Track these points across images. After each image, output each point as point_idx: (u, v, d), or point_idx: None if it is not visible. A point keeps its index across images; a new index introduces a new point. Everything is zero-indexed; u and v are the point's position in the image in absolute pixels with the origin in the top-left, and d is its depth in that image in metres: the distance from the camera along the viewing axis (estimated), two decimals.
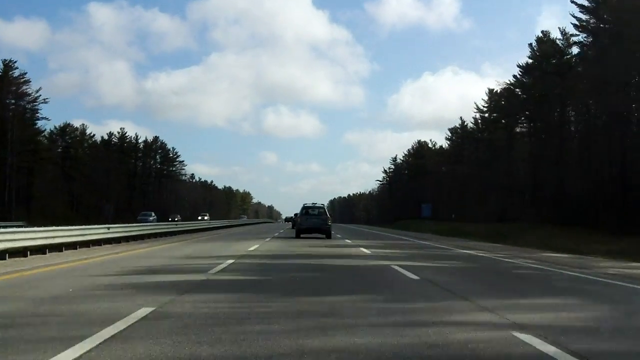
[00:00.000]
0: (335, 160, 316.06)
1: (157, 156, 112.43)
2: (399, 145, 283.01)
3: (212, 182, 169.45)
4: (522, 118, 57.36)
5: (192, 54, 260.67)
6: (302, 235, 28.87)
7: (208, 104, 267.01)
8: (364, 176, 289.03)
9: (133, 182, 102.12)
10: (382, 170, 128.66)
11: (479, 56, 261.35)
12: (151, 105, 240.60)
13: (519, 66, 52.45)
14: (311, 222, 28.94)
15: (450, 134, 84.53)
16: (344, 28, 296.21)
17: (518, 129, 59.97)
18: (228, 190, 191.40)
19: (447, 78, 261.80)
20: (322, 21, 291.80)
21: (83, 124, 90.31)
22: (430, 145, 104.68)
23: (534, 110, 51.19)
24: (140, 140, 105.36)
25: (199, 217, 79.86)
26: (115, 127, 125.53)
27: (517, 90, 55.54)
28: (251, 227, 60.17)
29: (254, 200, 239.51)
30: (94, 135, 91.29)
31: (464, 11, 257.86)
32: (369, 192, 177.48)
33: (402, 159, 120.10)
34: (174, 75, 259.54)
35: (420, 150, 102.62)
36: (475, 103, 71.74)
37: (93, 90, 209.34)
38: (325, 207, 30.96)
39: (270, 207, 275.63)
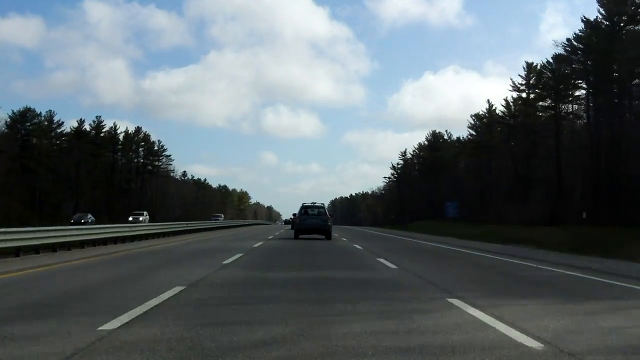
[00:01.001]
0: (336, 161, 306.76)
1: (140, 149, 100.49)
2: (400, 146, 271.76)
3: (205, 180, 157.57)
4: (578, 93, 45.50)
5: (190, 52, 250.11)
6: (301, 237, 27.18)
7: (207, 104, 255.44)
8: (364, 177, 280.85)
9: (111, 178, 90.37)
10: (390, 165, 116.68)
11: (482, 54, 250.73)
12: (150, 104, 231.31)
13: (583, 20, 40.39)
14: (310, 222, 27.49)
15: (473, 121, 72.47)
16: (344, 25, 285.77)
17: (571, 107, 48.11)
18: (223, 190, 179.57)
19: (449, 77, 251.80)
20: (322, 18, 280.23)
21: (50, 110, 78.49)
22: (445, 136, 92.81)
23: (602, 78, 39.29)
24: (120, 131, 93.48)
25: (130, 218, 58.59)
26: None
27: (574, 56, 43.60)
28: (221, 234, 36.13)
29: (252, 201, 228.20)
30: (62, 122, 79.32)
31: (466, 7, 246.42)
32: (373, 191, 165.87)
33: (412, 153, 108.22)
34: (173, 74, 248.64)
35: (436, 142, 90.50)
36: (511, 79, 59.85)
37: (91, 89, 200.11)
38: (325, 207, 29.55)
39: (270, 208, 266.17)
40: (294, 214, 34.62)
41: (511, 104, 61.19)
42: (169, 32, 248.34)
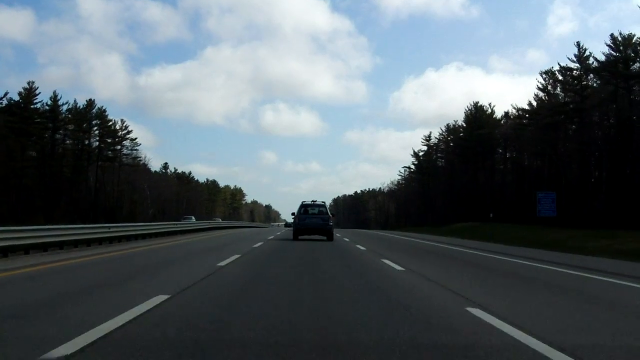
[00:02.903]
0: (336, 160, 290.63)
1: (95, 130, 78.69)
2: (401, 145, 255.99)
3: (190, 173, 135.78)
4: None
5: (186, 47, 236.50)
6: (300, 237, 25.65)
7: (205, 101, 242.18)
8: (365, 176, 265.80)
9: (50, 165, 68.66)
10: (412, 152, 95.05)
11: (486, 48, 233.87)
12: (146, 101, 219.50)
13: None
14: (310, 222, 26.12)
15: (545, 80, 50.48)
16: (345, 17, 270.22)
17: None
18: (212, 185, 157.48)
19: (452, 74, 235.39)
20: (322, 9, 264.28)
21: None
22: (489, 111, 70.74)
23: None
24: (62, 103, 71.72)
25: None
26: None
27: None
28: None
29: (249, 199, 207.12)
30: None
31: None
32: (380, 188, 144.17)
33: (438, 137, 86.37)
34: (169, 70, 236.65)
35: (478, 118, 68.28)
36: None
37: (86, 85, 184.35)
38: (327, 206, 27.91)
39: (268, 207, 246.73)
40: (292, 213, 29.84)
41: (619, 40, 39.32)
42: (164, 25, 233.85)
